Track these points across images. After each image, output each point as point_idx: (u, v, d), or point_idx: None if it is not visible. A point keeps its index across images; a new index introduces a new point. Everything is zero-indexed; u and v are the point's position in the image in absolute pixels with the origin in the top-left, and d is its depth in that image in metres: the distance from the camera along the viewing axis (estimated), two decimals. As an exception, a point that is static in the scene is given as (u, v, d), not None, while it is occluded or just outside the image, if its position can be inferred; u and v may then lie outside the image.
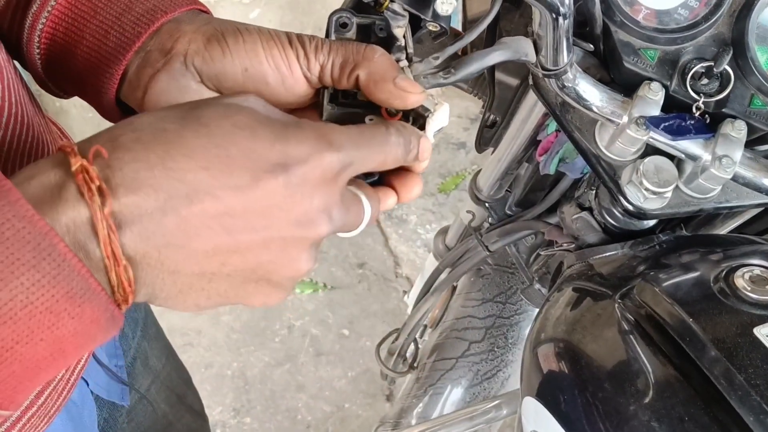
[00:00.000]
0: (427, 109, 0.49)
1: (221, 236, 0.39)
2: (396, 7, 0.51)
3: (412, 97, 0.48)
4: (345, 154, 0.41)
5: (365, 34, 0.52)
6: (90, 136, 0.40)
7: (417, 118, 0.50)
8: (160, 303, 0.42)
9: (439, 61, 0.54)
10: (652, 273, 0.65)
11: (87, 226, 0.36)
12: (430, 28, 0.50)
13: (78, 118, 2.35)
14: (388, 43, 0.52)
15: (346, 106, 0.51)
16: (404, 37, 0.52)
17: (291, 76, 0.49)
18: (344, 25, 0.52)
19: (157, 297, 0.41)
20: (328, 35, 0.52)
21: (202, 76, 0.49)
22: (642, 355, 0.59)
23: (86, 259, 0.37)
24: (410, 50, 0.52)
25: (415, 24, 0.53)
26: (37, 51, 0.52)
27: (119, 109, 0.54)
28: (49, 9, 0.51)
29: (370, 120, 0.51)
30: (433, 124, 0.49)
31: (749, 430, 0.50)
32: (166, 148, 0.37)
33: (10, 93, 0.50)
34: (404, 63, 0.51)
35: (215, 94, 0.50)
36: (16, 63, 0.55)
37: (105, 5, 0.51)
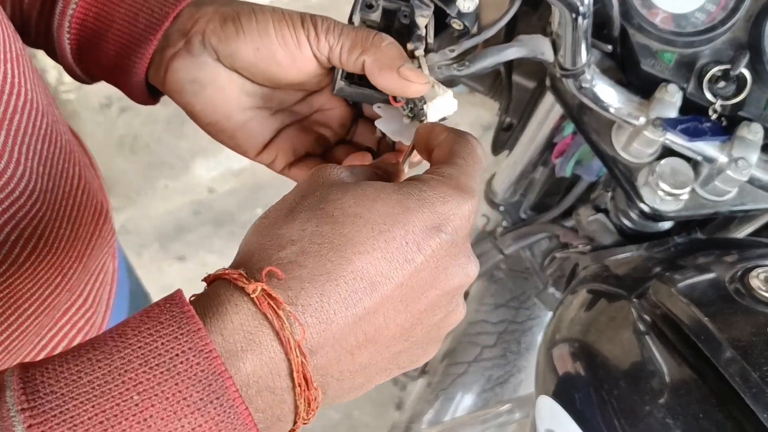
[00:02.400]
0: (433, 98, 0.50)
1: (404, 314, 0.39)
2: None
3: (414, 86, 0.49)
4: (475, 191, 0.42)
5: (389, 19, 0.53)
6: (231, 264, 0.38)
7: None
8: (340, 400, 0.40)
9: (454, 54, 0.55)
10: (667, 274, 0.65)
11: (280, 360, 0.34)
12: (454, 26, 0.51)
13: (89, 121, 2.37)
14: (410, 30, 0.53)
15: (358, 85, 0.53)
16: (426, 27, 0.53)
17: (300, 55, 0.51)
18: (370, 6, 0.53)
19: (341, 396, 0.39)
20: (352, 14, 0.53)
21: (219, 54, 0.52)
22: (658, 355, 0.59)
23: (270, 393, 0.34)
24: (430, 41, 0.53)
25: (440, 23, 0.53)
26: (68, 36, 0.54)
27: (147, 89, 0.56)
28: None
29: (378, 108, 0.53)
30: (433, 109, 0.50)
31: (763, 426, 0.50)
32: (338, 252, 0.36)
33: (26, 80, 0.51)
34: (420, 52, 0.53)
35: (233, 74, 0.52)
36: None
37: None
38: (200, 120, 0.54)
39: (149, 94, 0.57)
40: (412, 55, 0.53)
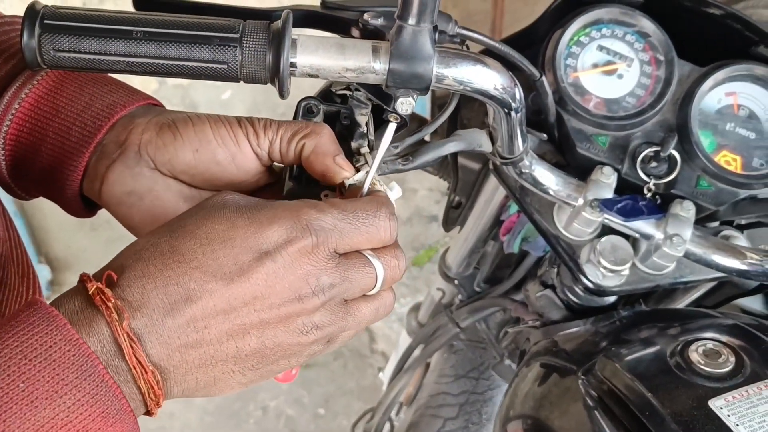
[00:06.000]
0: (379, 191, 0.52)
1: (224, 324, 0.42)
2: (360, 95, 0.55)
3: (344, 173, 0.51)
4: (321, 231, 0.44)
5: (331, 121, 0.55)
6: (103, 267, 0.44)
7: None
8: (203, 394, 0.45)
9: (398, 150, 0.58)
10: (613, 349, 0.67)
11: (111, 342, 0.40)
12: (390, 119, 0.53)
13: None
14: (351, 129, 0.55)
15: (307, 183, 0.53)
16: (366, 124, 0.55)
17: (240, 152, 0.52)
18: (311, 111, 0.55)
19: (196, 390, 0.44)
20: (295, 119, 0.55)
21: (156, 162, 0.52)
22: (606, 430, 0.60)
23: (115, 374, 0.40)
24: (371, 137, 0.55)
25: (378, 118, 0.56)
26: (2, 153, 0.54)
27: (82, 202, 0.56)
28: (13, 112, 0.53)
29: (326, 195, 0.53)
30: None
31: (708, 501, 0.52)
32: (162, 260, 0.42)
33: None
34: (365, 149, 0.54)
35: (170, 180, 0.53)
36: None
37: (66, 104, 0.54)
38: (139, 231, 0.54)
39: (85, 207, 0.56)
40: (357, 152, 0.54)
